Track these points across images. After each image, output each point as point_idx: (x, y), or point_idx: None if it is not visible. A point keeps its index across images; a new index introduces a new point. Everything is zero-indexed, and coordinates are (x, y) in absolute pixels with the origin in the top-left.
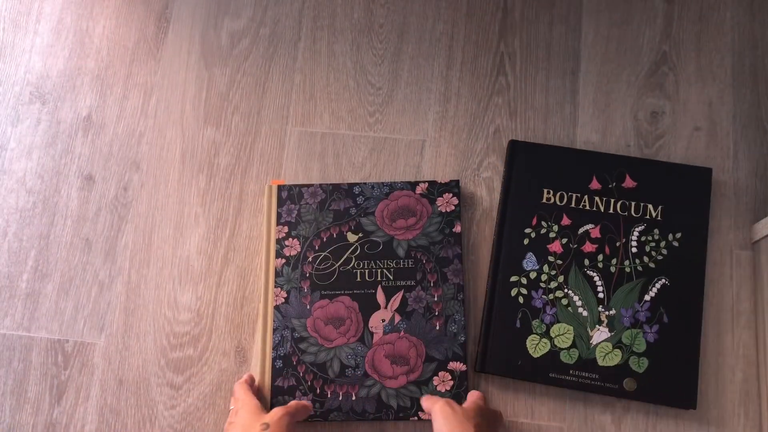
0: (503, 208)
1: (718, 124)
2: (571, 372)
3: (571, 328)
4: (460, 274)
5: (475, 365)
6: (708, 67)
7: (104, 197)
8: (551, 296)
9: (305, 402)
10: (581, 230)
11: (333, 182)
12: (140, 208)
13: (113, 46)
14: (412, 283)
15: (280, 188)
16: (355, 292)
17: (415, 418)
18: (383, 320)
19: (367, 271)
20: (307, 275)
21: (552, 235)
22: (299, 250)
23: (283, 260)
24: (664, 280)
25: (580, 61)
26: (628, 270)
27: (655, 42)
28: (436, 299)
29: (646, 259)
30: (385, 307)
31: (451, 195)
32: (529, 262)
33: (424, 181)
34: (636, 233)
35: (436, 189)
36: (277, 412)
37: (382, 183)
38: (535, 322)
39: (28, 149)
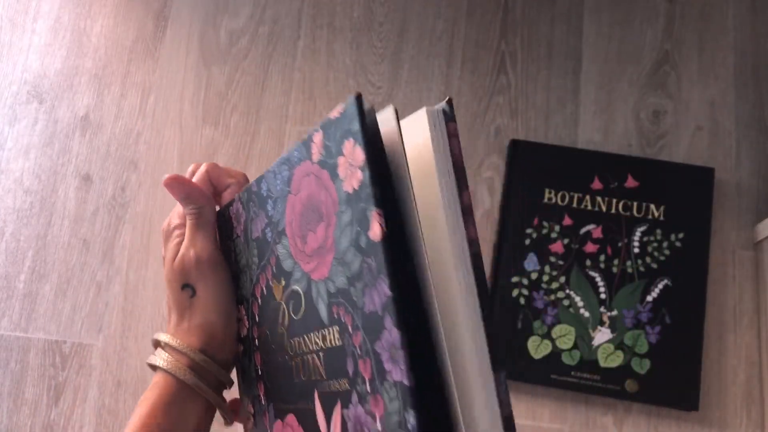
0: (504, 207)
1: (720, 123)
2: (572, 373)
3: (573, 329)
4: (402, 357)
5: None
6: (710, 67)
7: (102, 197)
8: (552, 297)
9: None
10: (583, 230)
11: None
12: (138, 208)
13: (111, 45)
14: (345, 384)
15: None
16: (295, 406)
17: None
18: None
19: (300, 359)
20: (260, 372)
21: (553, 235)
22: (247, 324)
23: (239, 345)
24: (666, 281)
25: (581, 60)
26: (630, 270)
27: (657, 41)
28: (379, 426)
29: (648, 259)
30: None
31: (353, 143)
32: (531, 262)
33: (316, 128)
34: (638, 233)
35: (333, 136)
36: (200, 246)
37: (281, 159)
38: (536, 323)
39: (26, 149)
